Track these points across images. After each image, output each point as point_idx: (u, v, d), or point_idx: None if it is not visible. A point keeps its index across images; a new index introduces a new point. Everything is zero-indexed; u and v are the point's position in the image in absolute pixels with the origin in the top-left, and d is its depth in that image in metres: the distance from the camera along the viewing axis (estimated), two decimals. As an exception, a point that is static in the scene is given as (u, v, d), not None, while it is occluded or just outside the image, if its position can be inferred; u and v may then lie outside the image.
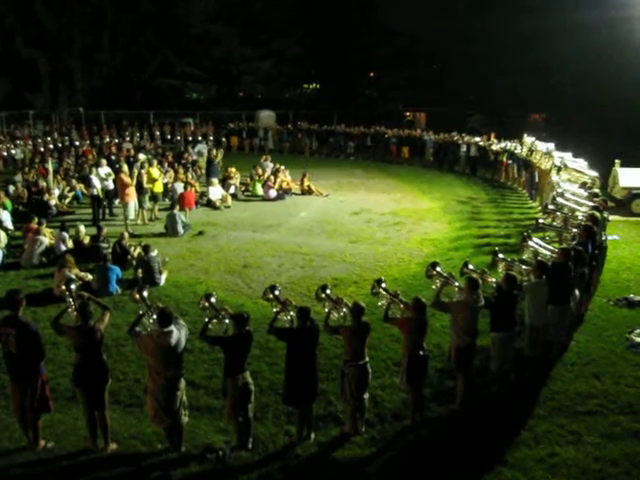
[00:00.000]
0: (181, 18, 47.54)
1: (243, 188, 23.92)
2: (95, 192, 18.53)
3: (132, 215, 18.01)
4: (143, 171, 19.04)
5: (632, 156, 22.54)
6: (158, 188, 19.59)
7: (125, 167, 18.37)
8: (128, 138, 35.06)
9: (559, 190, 15.56)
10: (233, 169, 24.62)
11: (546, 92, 39.17)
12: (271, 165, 25.52)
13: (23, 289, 8.28)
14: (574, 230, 12.18)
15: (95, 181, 18.66)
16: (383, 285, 8.50)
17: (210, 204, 21.16)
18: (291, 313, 7.81)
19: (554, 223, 13.87)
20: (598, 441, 7.68)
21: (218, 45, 48.91)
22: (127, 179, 17.77)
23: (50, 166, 22.55)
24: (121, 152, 28.34)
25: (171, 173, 23.02)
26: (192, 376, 8.97)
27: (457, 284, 8.81)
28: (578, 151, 22.56)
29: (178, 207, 18.11)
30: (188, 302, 12.05)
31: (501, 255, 10.64)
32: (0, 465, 7.19)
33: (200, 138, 35.32)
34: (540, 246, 11.56)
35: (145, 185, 18.54)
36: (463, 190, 25.28)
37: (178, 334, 7.09)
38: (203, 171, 25.27)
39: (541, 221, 14.16)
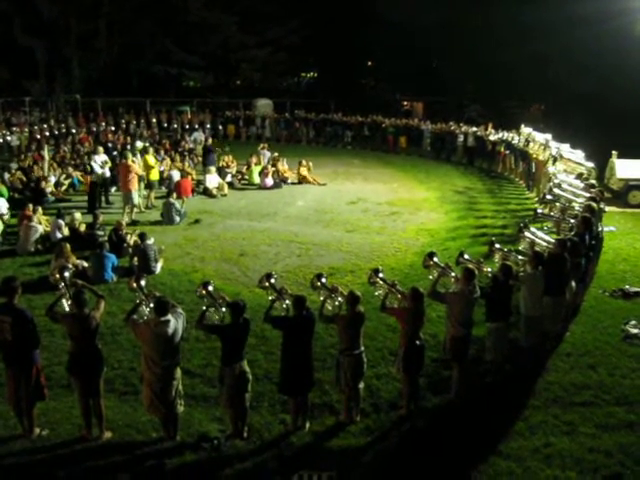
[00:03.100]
0: (178, 5, 47.26)
1: (240, 176, 23.86)
2: (96, 179, 18.45)
3: (137, 201, 17.84)
4: (139, 159, 18.93)
5: (630, 147, 22.47)
6: (154, 176, 19.54)
7: (130, 155, 18.08)
8: (124, 126, 34.95)
9: (556, 181, 15.55)
10: (230, 157, 24.58)
11: (545, 83, 39.03)
12: (268, 154, 25.45)
13: (18, 277, 8.25)
14: (572, 221, 12.17)
15: (96, 167, 18.56)
16: (380, 275, 8.47)
17: (206, 192, 21.10)
18: (287, 302, 7.78)
19: (552, 213, 13.87)
20: (593, 432, 7.69)
21: (215, 33, 48.64)
22: (135, 167, 17.52)
23: (46, 153, 22.46)
24: (118, 139, 28.21)
25: (168, 161, 22.98)
26: (188, 365, 8.97)
27: (453, 274, 8.79)
28: (576, 142, 22.52)
29: (175, 195, 18.04)
30: (184, 290, 12.04)
31: (497, 245, 10.61)
32: (-5, 453, 7.19)
33: (197, 126, 35.21)
34: (537, 237, 11.55)
35: (140, 172, 18.35)
36: (460, 180, 25.24)
37: (175, 323, 7.07)
38: (200, 159, 25.20)
39: (540, 211, 14.15)
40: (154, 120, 37.38)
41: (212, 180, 21.43)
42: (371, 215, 18.72)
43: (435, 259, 9.04)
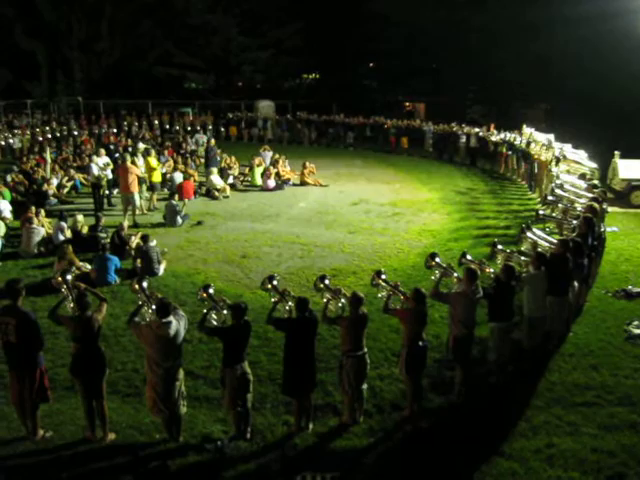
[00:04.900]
0: (180, 8, 47.36)
1: (242, 178, 23.87)
2: (93, 179, 18.44)
3: (138, 203, 17.81)
4: (141, 161, 18.94)
5: (632, 147, 22.46)
6: (156, 178, 19.56)
7: (128, 157, 18.04)
8: (126, 128, 35.00)
9: (558, 182, 15.54)
10: (232, 159, 24.59)
11: (547, 83, 39.02)
12: (270, 155, 25.48)
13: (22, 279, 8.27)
14: (574, 222, 12.17)
15: (95, 169, 18.57)
16: (383, 277, 8.48)
17: (209, 194, 21.11)
18: (289, 303, 7.78)
19: (554, 214, 13.87)
20: (595, 432, 7.69)
21: (217, 35, 48.79)
22: (134, 169, 17.48)
23: (48, 155, 22.49)
24: (120, 142, 28.25)
25: (170, 163, 23.00)
26: (190, 366, 8.97)
27: (456, 275, 8.81)
28: (578, 142, 22.50)
29: (177, 197, 18.05)
30: (187, 292, 12.05)
31: (500, 246, 10.62)
32: (-1, 455, 7.21)
33: (199, 128, 35.26)
34: (539, 237, 11.55)
35: (139, 174, 18.26)
36: (462, 181, 25.25)
37: (177, 325, 7.09)
38: (202, 161, 25.23)
39: (541, 212, 14.15)
40: (156, 122, 37.47)
41: (215, 181, 21.43)
42: (373, 216, 18.73)
43: (437, 260, 9.06)
